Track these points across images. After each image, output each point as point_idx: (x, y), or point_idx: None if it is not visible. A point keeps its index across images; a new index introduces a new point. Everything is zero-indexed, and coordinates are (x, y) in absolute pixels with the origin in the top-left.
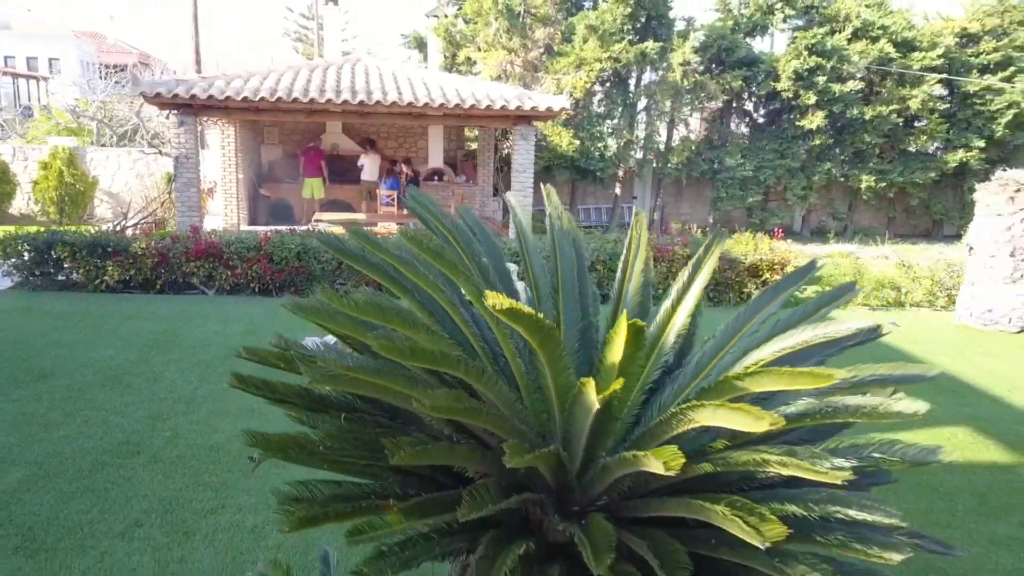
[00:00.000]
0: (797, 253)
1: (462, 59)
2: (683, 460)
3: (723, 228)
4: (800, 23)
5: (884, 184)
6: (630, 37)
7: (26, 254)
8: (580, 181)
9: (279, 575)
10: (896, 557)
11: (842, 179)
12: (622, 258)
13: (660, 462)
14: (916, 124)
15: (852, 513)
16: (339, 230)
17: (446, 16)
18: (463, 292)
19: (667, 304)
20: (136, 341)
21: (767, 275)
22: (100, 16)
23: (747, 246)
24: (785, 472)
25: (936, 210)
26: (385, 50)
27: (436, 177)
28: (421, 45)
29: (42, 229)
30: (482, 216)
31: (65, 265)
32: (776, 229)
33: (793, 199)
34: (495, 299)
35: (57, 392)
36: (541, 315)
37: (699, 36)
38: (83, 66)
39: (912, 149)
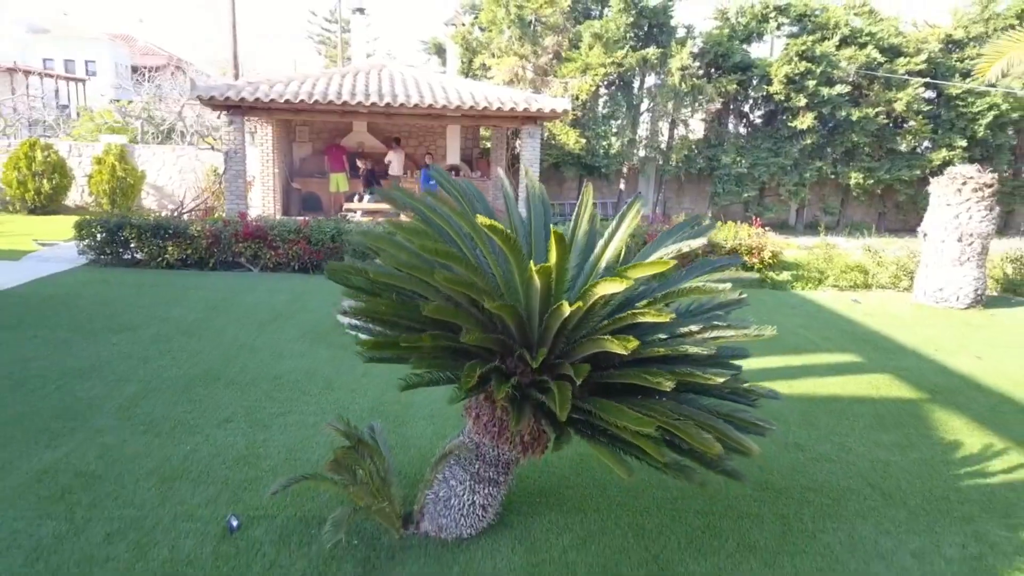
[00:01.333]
0: (775, 241)
1: (477, 64)
2: (580, 305)
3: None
4: (794, 30)
5: (872, 181)
6: (633, 44)
7: (98, 235)
8: (587, 177)
9: (343, 424)
10: (718, 380)
11: (833, 176)
12: (574, 213)
13: (568, 307)
14: (904, 125)
15: (689, 349)
16: (367, 219)
17: (463, 24)
18: (467, 231)
19: (600, 242)
20: (199, 305)
21: (745, 258)
22: (128, 19)
23: (729, 232)
24: (644, 319)
25: (923, 205)
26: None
27: (453, 173)
28: (439, 51)
29: (105, 216)
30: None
31: (132, 245)
32: (754, 218)
33: (787, 195)
34: (482, 219)
35: (145, 339)
36: (511, 231)
37: (697, 43)
38: (117, 68)
39: (902, 148)
